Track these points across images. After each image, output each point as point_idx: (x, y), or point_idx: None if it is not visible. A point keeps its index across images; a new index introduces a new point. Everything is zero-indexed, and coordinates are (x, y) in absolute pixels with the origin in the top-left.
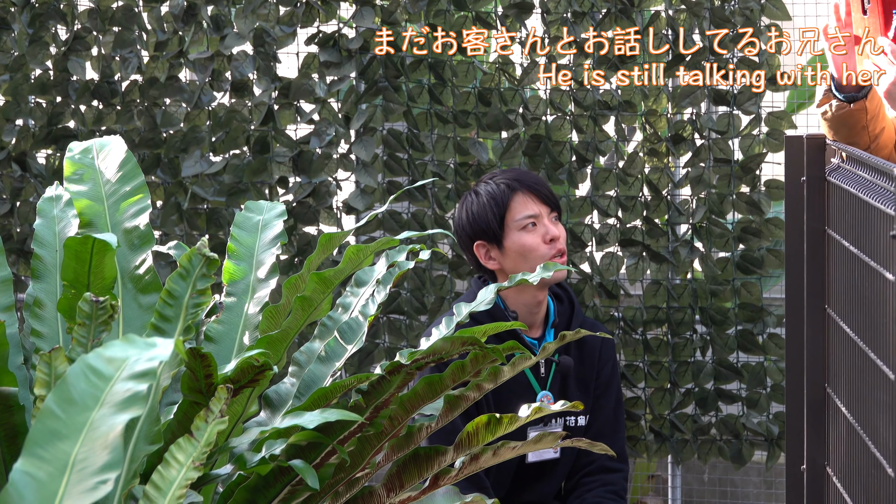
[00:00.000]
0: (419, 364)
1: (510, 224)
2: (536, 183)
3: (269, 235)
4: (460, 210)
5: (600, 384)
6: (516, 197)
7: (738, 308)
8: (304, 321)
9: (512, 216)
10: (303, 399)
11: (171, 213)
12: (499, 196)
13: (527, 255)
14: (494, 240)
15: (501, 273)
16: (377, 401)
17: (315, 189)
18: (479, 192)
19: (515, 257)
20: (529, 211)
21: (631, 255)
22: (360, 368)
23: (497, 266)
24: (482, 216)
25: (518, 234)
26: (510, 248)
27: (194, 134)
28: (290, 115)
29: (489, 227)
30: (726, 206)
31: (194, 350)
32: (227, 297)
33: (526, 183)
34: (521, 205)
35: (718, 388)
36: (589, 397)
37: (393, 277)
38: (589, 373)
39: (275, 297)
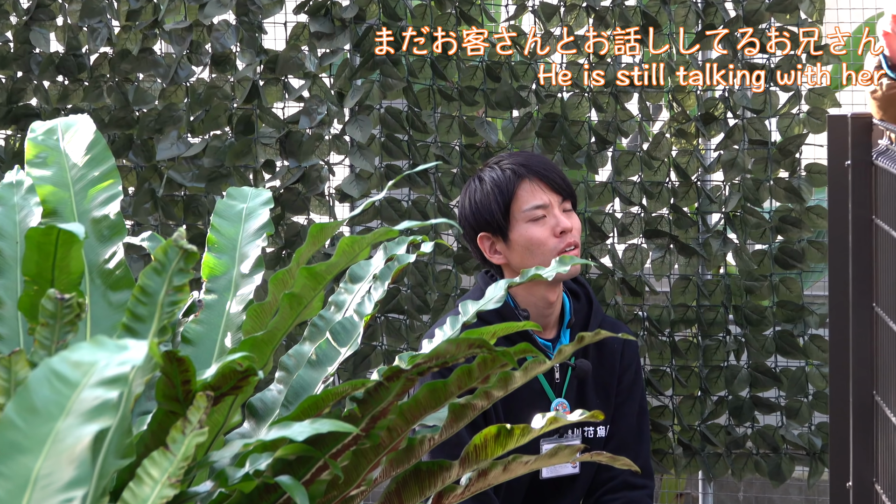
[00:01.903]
0: (421, 369)
1: (516, 215)
2: (546, 168)
3: (254, 225)
4: (463, 198)
5: (622, 391)
6: (523, 184)
7: (777, 306)
8: (292, 321)
9: (518, 206)
10: (291, 408)
11: (144, 201)
12: (503, 183)
13: (534, 249)
14: (499, 232)
15: (508, 268)
16: (374, 410)
17: (305, 174)
18: (483, 178)
19: (522, 251)
20: (538, 200)
21: (657, 248)
22: (356, 374)
23: (503, 260)
24: (486, 206)
25: (525, 226)
26: (516, 242)
27: (170, 113)
28: (276, 92)
29: (493, 217)
30: (763, 192)
31: (170, 353)
32: (206, 295)
33: (534, 168)
34: (529, 193)
35: (754, 396)
36: (609, 406)
37: (392, 272)
38: (609, 378)
39: (260, 295)
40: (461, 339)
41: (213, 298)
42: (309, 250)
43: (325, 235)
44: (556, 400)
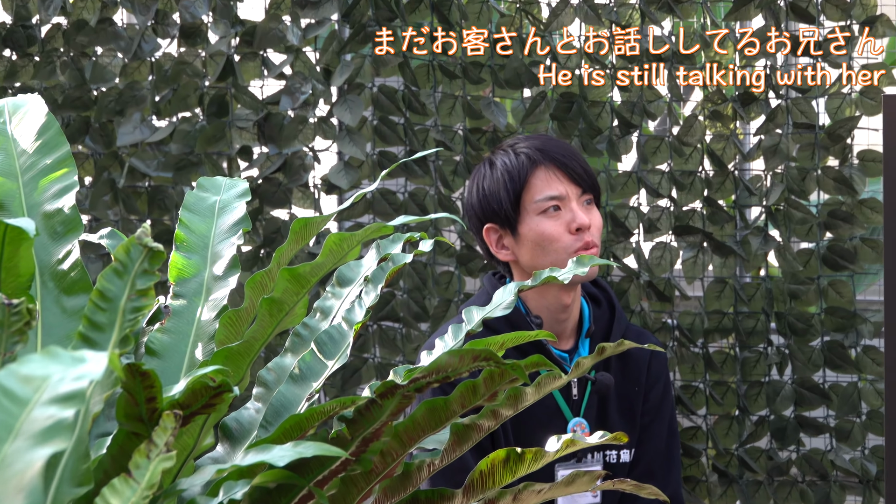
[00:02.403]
0: (419, 385)
1: (527, 206)
2: (566, 155)
3: (229, 221)
4: (471, 185)
5: (649, 409)
6: (538, 172)
7: (825, 313)
8: (272, 330)
9: (530, 196)
10: (270, 429)
11: (103, 193)
12: (515, 169)
13: (545, 246)
14: (507, 224)
15: (516, 266)
16: (365, 431)
17: (286, 162)
18: (495, 162)
19: (531, 248)
20: (552, 191)
21: (688, 247)
22: (344, 390)
23: (510, 257)
24: (494, 193)
25: (536, 220)
26: (525, 236)
27: (133, 92)
28: (254, 69)
29: (501, 207)
30: (809, 183)
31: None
32: (174, 300)
33: (552, 154)
34: (543, 182)
35: (800, 416)
36: (635, 426)
37: (386, 274)
38: (634, 395)
39: (235, 300)
40: (465, 351)
41: (182, 304)
42: (291, 249)
43: (310, 232)
44: (573, 419)
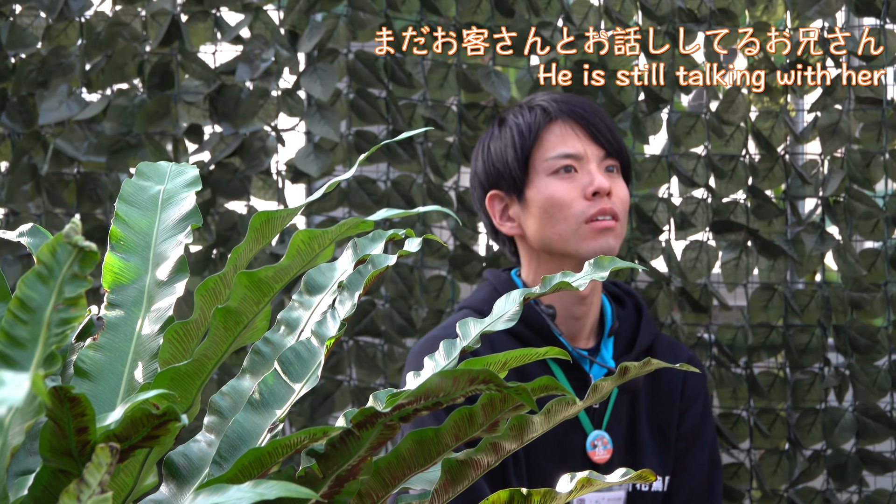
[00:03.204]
0: (404, 412)
1: (537, 164)
2: (587, 111)
3: (175, 215)
4: (477, 150)
5: (686, 434)
6: (552, 127)
7: (894, 327)
8: (227, 347)
9: (542, 153)
10: (226, 466)
11: (22, 181)
12: (526, 125)
13: (554, 213)
14: (513, 188)
15: (523, 242)
16: (340, 468)
17: (244, 144)
18: (506, 119)
19: (539, 216)
20: (567, 148)
21: (729, 246)
22: (314, 419)
23: (516, 230)
24: (500, 153)
25: (546, 181)
26: (533, 201)
27: (58, 60)
28: (205, 31)
29: (506, 167)
30: (875, 170)
31: (61, 391)
32: (109, 310)
33: (572, 107)
34: (558, 138)
35: (862, 451)
36: (668, 452)
37: (364, 280)
38: (667, 415)
39: (183, 310)
40: (459, 372)
41: (119, 315)
42: (250, 249)
43: (273, 229)
44: (593, 432)
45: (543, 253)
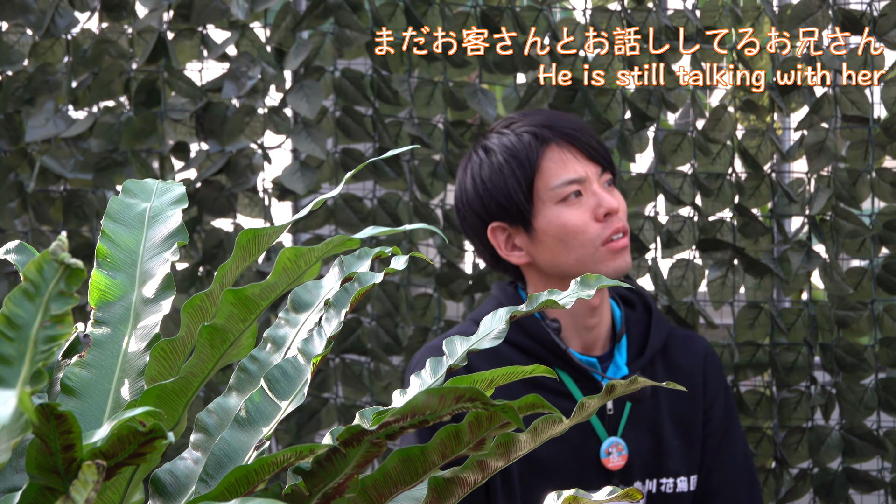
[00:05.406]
0: (391, 430)
1: (542, 194)
2: (576, 129)
3: (161, 233)
4: (463, 178)
5: (714, 430)
6: (549, 152)
7: (880, 345)
8: (214, 364)
9: (545, 182)
10: (212, 483)
11: (9, 198)
12: (523, 152)
13: (569, 240)
14: (519, 220)
15: (531, 269)
16: (326, 486)
17: (230, 161)
18: (491, 147)
19: (553, 244)
20: (571, 173)
21: (715, 265)
22: (301, 437)
23: (525, 259)
24: (499, 185)
25: (555, 210)
26: (544, 231)
27: (45, 77)
28: (191, 48)
29: (511, 200)
30: (862, 188)
31: (47, 408)
32: (96, 327)
33: (562, 129)
34: (559, 164)
35: (849, 469)
36: (694, 449)
37: (350, 298)
38: (691, 412)
39: (169, 328)
40: (446, 390)
41: (105, 333)
42: (236, 267)
43: (259, 246)
44: (607, 439)
45: (555, 277)
